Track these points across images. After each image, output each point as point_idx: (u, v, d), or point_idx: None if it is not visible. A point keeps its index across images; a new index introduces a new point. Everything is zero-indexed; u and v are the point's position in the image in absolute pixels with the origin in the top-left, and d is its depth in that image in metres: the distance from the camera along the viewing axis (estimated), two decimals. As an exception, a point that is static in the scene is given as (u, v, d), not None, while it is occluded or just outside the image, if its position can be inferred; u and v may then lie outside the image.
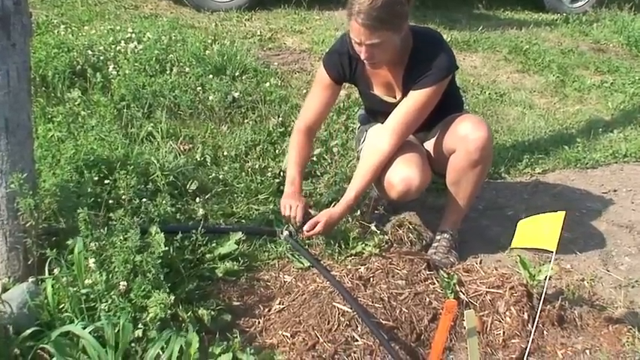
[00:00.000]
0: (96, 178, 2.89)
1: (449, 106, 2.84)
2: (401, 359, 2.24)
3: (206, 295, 2.48)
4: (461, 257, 2.91)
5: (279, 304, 2.52)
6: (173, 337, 2.08)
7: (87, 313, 2.16)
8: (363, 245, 2.78)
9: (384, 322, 2.38)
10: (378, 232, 2.87)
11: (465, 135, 2.68)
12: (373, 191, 3.10)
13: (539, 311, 2.27)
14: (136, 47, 4.56)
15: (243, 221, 3.02)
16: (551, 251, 2.15)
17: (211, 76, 4.37)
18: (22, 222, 2.29)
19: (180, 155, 3.43)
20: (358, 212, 3.00)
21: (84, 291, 2.20)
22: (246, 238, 2.80)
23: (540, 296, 2.24)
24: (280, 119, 4.00)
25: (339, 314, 2.39)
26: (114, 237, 2.34)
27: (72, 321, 2.13)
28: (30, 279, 2.30)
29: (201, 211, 2.95)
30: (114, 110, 3.69)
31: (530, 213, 3.30)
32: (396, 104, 2.75)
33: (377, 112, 2.93)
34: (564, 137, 4.30)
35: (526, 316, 2.45)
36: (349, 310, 2.40)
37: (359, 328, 2.35)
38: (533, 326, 2.38)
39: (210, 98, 4.07)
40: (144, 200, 2.80)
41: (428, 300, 2.51)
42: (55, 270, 2.28)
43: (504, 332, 2.43)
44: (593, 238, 3.18)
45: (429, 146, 2.91)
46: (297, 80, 4.83)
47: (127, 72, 4.15)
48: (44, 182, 2.70)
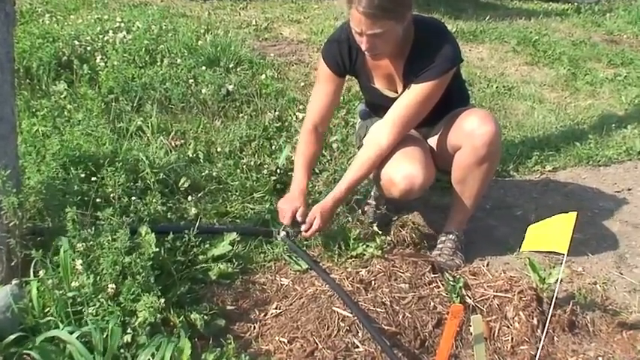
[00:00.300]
0: (83, 176, 2.89)
1: (454, 100, 2.84)
2: (404, 366, 2.24)
3: (199, 299, 2.48)
4: (467, 259, 2.90)
5: (275, 309, 2.51)
6: (164, 343, 2.08)
7: (73, 318, 2.16)
8: (364, 247, 2.77)
9: (387, 328, 2.38)
10: (380, 233, 2.87)
11: (472, 130, 2.68)
12: (374, 190, 3.11)
13: (549, 316, 2.27)
14: (125, 37, 4.56)
15: (237, 221, 3.02)
16: (562, 254, 2.15)
17: (204, 68, 4.36)
18: (6, 221, 2.29)
19: (171, 151, 3.43)
20: (359, 212, 3.01)
21: (70, 294, 2.20)
22: (240, 239, 2.80)
23: (551, 301, 2.24)
24: (277, 113, 4.00)
25: (339, 319, 2.39)
26: (102, 237, 2.34)
27: (58, 326, 2.13)
28: (13, 281, 2.29)
29: (193, 211, 2.94)
30: (101, 104, 3.68)
31: (540, 213, 3.35)
32: (396, 98, 2.74)
33: (378, 107, 2.92)
34: (576, 133, 4.30)
35: (535, 322, 2.45)
36: (349, 315, 2.40)
37: (360, 334, 2.35)
38: (543, 332, 2.38)
39: (202, 91, 4.07)
40: (133, 199, 2.80)
41: (432, 304, 2.51)
42: (40, 272, 2.27)
43: (513, 338, 2.43)
44: (605, 240, 3.18)
45: (433, 142, 2.91)
46: (294, 72, 4.83)
47: (116, 63, 4.15)
48: (28, 179, 2.70)
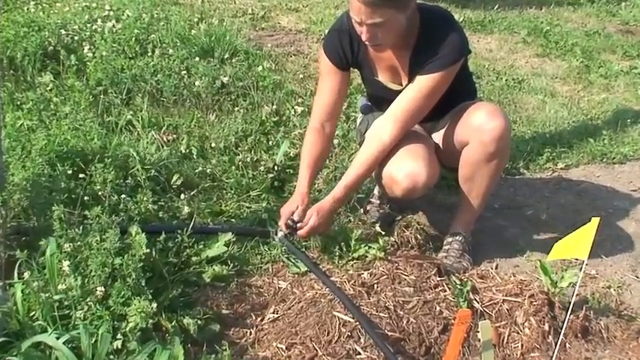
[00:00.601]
0: (70, 172, 2.88)
1: (460, 94, 2.83)
2: (408, 374, 2.25)
3: (192, 303, 2.48)
4: (475, 262, 2.91)
5: (273, 313, 2.51)
6: (158, 350, 2.08)
7: (60, 322, 2.15)
8: (367, 248, 2.77)
9: (390, 334, 2.38)
10: (383, 234, 2.87)
11: (480, 125, 2.68)
12: (377, 188, 3.10)
13: (565, 322, 2.26)
14: (114, 26, 4.55)
15: (233, 220, 3.02)
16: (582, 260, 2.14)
17: (197, 59, 4.35)
18: (-12, 220, 2.29)
19: (163, 147, 3.42)
20: (361, 211, 3.01)
21: (57, 297, 2.20)
22: (236, 240, 2.79)
23: (568, 305, 2.23)
24: (274, 107, 3.99)
25: (340, 324, 2.39)
26: (90, 237, 2.34)
27: (44, 330, 2.12)
28: (-3, 284, 2.30)
29: (186, 209, 2.94)
30: (89, 96, 3.68)
31: (551, 212, 3.36)
32: (400, 91, 2.74)
33: (381, 100, 2.91)
34: (589, 129, 4.30)
35: (547, 328, 2.45)
36: (351, 320, 2.40)
37: (362, 340, 2.35)
38: (555, 338, 2.39)
39: (196, 83, 4.06)
40: (123, 197, 2.79)
41: (438, 309, 2.52)
42: (25, 274, 2.27)
43: (523, 345, 2.43)
44: (620, 241, 3.18)
45: (439, 138, 2.91)
46: (292, 64, 4.83)
47: (104, 54, 4.14)
48: (13, 176, 2.69)
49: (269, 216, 3.00)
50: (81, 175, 2.87)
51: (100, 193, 2.78)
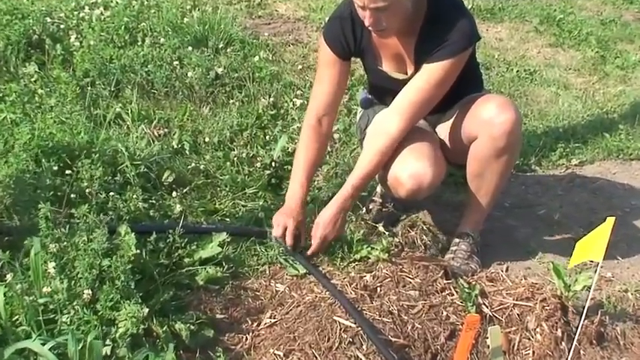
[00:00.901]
0: (56, 168, 2.89)
1: (467, 84, 2.82)
2: (413, 383, 2.25)
3: (184, 307, 2.47)
4: (484, 264, 2.91)
5: (270, 318, 2.51)
6: (148, 356, 2.08)
7: (46, 327, 2.15)
8: (369, 249, 2.77)
9: (394, 340, 2.38)
10: (387, 234, 2.87)
11: (490, 118, 2.67)
12: (379, 186, 3.10)
13: (579, 327, 2.26)
14: (102, 14, 4.55)
15: (227, 220, 3.02)
16: (597, 262, 2.14)
17: (190, 49, 4.35)
18: (-31, 219, 2.29)
19: (153, 141, 3.42)
20: (363, 210, 3.00)
21: (42, 300, 2.20)
22: (231, 240, 2.79)
23: (582, 310, 2.23)
24: (272, 99, 3.99)
25: (341, 330, 2.39)
26: (77, 237, 2.34)
27: (28, 336, 2.12)
28: (-23, 286, 2.30)
29: (178, 208, 2.94)
30: (76, 88, 3.67)
31: (565, 211, 3.35)
32: (406, 81, 2.73)
33: (385, 91, 2.90)
34: (605, 123, 4.30)
35: (560, 334, 2.45)
36: (352, 326, 2.40)
37: (364, 347, 2.35)
38: (568, 345, 2.39)
39: (189, 74, 4.06)
40: (111, 194, 2.79)
41: (445, 314, 2.52)
42: (8, 276, 2.27)
43: (534, 352, 2.43)
44: (638, 242, 3.18)
45: (444, 132, 2.90)
46: (291, 54, 4.82)
47: (92, 43, 4.14)
48: (-5, 173, 2.70)
49: (265, 215, 2.99)
50: (67, 172, 2.87)
51: (88, 191, 2.78)
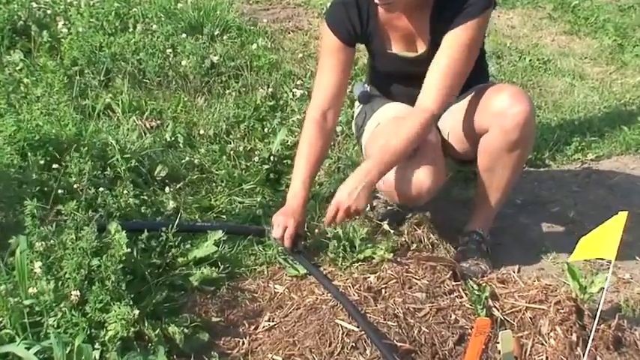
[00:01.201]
0: (42, 162, 2.89)
1: (475, 73, 2.78)
2: (419, 390, 2.25)
3: (178, 309, 2.48)
4: (494, 264, 2.90)
5: (268, 321, 2.51)
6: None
7: (31, 330, 2.16)
8: (374, 248, 2.77)
9: (399, 345, 2.38)
10: (392, 233, 2.87)
11: (502, 110, 2.65)
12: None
13: (593, 331, 2.26)
14: (92, -1, 4.55)
15: (223, 217, 3.03)
16: (609, 261, 2.14)
17: (184, 36, 4.35)
18: (-49, 216, 2.29)
19: (145, 134, 3.43)
20: (367, 207, 3.00)
21: (27, 302, 2.20)
22: (227, 239, 2.80)
23: (595, 313, 2.24)
24: (270, 90, 3.99)
25: (343, 334, 2.39)
26: (64, 235, 2.34)
27: (12, 339, 2.13)
28: (-40, 287, 2.30)
29: (171, 204, 2.95)
30: (64, 77, 3.66)
31: (580, 209, 3.35)
32: (417, 59, 2.72)
33: (392, 77, 2.89)
34: (623, 115, 4.29)
35: (575, 338, 2.45)
36: (355, 329, 2.40)
37: (367, 352, 2.35)
38: (583, 350, 2.38)
39: (182, 63, 4.06)
40: (101, 190, 2.80)
41: (453, 317, 2.51)
42: (-8, 276, 2.28)
43: (548, 357, 2.43)
44: (658, 242, 3.18)
45: (450, 124, 2.87)
46: (290, 41, 4.82)
47: (80, 30, 4.14)
48: (-22, 167, 2.70)
49: (264, 212, 3.00)
50: (54, 166, 2.88)
51: (76, 186, 2.78)
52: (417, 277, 2.66)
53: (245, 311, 2.55)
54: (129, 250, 2.39)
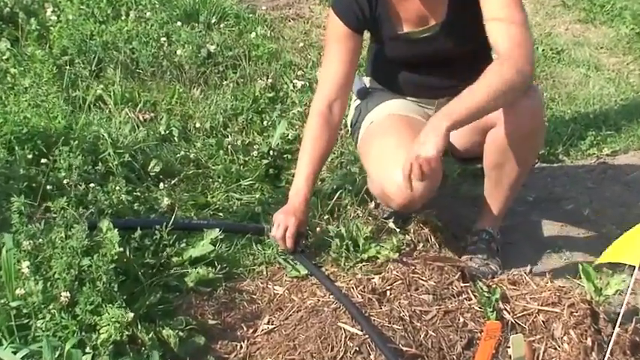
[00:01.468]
0: (30, 157, 2.89)
1: (485, 61, 2.76)
2: (426, 397, 2.25)
3: (173, 311, 2.48)
4: (505, 264, 2.90)
5: (267, 324, 2.51)
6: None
7: (18, 334, 2.15)
8: (378, 248, 2.77)
9: (405, 349, 2.38)
10: (397, 231, 2.87)
11: (510, 103, 2.65)
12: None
13: (614, 336, 2.26)
14: (82, -16, 4.55)
15: (220, 214, 3.02)
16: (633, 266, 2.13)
17: (179, 24, 4.35)
18: None
19: (138, 127, 3.42)
20: (372, 205, 3.00)
21: (14, 304, 2.20)
22: (224, 237, 2.80)
23: (614, 317, 2.23)
24: (270, 81, 3.98)
25: (346, 338, 2.38)
26: (53, 234, 2.34)
27: (-1, 343, 2.13)
28: (-57, 288, 2.30)
29: (166, 201, 2.95)
30: (53, 67, 3.66)
31: (595, 207, 3.34)
32: (429, 37, 2.71)
33: (398, 64, 2.88)
34: (640, 108, 4.30)
35: (590, 343, 2.44)
36: (359, 333, 2.39)
37: (372, 357, 2.34)
38: (599, 356, 2.38)
39: (178, 53, 4.06)
40: (92, 186, 2.79)
41: (462, 320, 2.51)
42: (-23, 277, 2.28)
43: (561, 363, 2.44)
44: (676, 241, 3.17)
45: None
46: (291, 30, 4.82)
47: (70, 17, 4.14)
48: (-38, 161, 2.70)
49: (263, 209, 3.00)
50: (43, 161, 2.88)
51: (66, 182, 2.78)
52: (424, 278, 2.66)
53: (243, 314, 2.55)
54: (121, 250, 2.39)
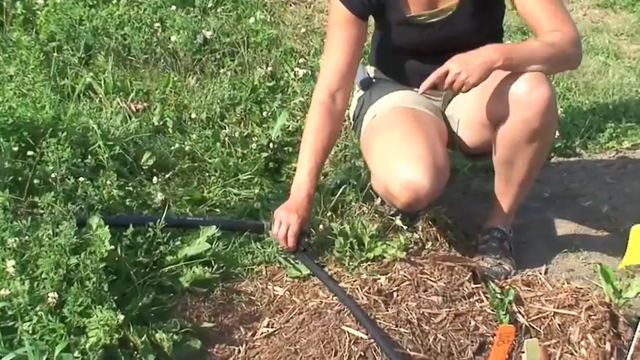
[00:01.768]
0: (16, 149, 2.89)
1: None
2: (435, 404, 2.25)
3: (167, 313, 2.48)
4: (519, 264, 2.90)
5: (267, 327, 2.52)
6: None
7: (3, 337, 2.15)
8: (385, 247, 2.77)
9: (413, 354, 2.38)
10: (405, 229, 2.87)
11: (519, 95, 2.62)
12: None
13: (635, 341, 2.26)
14: (71, -34, 4.54)
15: (217, 211, 3.02)
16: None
17: (174, 8, 4.34)
18: None
19: (131, 118, 3.42)
20: (378, 201, 2.99)
21: (-1, 305, 2.20)
22: (221, 235, 2.79)
23: (635, 320, 2.23)
24: (269, 69, 3.98)
25: (350, 342, 2.38)
26: (41, 231, 2.34)
27: (-17, 347, 2.13)
28: None
29: (159, 196, 2.95)
30: (40, 54, 3.67)
31: (615, 203, 3.34)
32: (440, 21, 2.72)
33: (404, 52, 2.88)
34: (663, 99, 4.29)
35: (608, 348, 2.44)
36: (364, 337, 2.39)
37: (377, 361, 2.36)
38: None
39: (172, 39, 4.06)
40: (81, 180, 2.79)
41: (473, 324, 2.51)
42: (-41, 276, 2.28)
43: (578, 369, 2.44)
44: (700, 240, 3.17)
45: (461, 113, 2.87)
46: (292, 15, 4.81)
47: (58, 1, 4.13)
48: (-56, 154, 2.71)
49: (262, 205, 3.00)
50: (29, 153, 2.88)
51: (54, 176, 2.78)
52: (433, 279, 2.66)
53: (241, 316, 2.55)
54: (112, 248, 2.39)
